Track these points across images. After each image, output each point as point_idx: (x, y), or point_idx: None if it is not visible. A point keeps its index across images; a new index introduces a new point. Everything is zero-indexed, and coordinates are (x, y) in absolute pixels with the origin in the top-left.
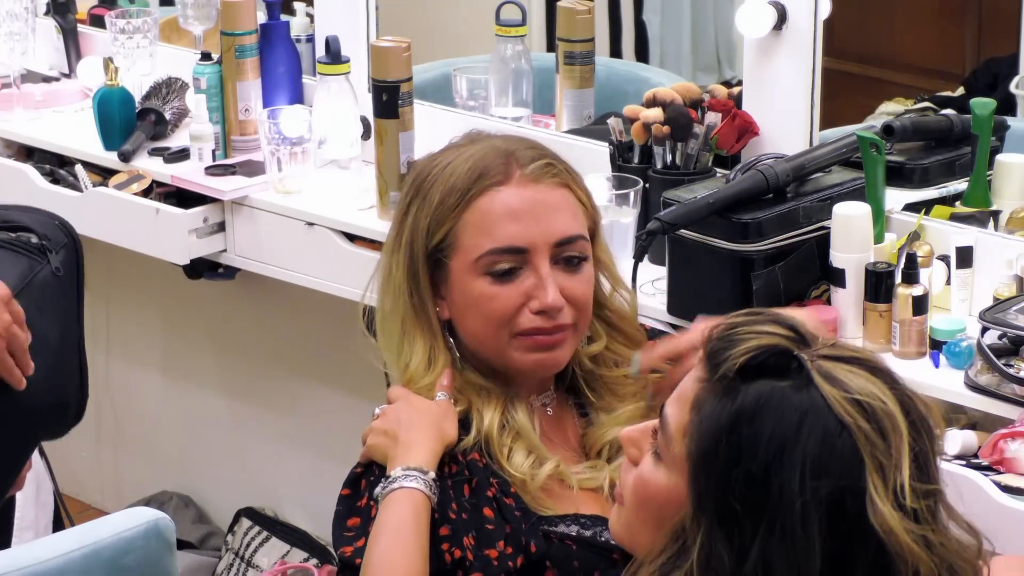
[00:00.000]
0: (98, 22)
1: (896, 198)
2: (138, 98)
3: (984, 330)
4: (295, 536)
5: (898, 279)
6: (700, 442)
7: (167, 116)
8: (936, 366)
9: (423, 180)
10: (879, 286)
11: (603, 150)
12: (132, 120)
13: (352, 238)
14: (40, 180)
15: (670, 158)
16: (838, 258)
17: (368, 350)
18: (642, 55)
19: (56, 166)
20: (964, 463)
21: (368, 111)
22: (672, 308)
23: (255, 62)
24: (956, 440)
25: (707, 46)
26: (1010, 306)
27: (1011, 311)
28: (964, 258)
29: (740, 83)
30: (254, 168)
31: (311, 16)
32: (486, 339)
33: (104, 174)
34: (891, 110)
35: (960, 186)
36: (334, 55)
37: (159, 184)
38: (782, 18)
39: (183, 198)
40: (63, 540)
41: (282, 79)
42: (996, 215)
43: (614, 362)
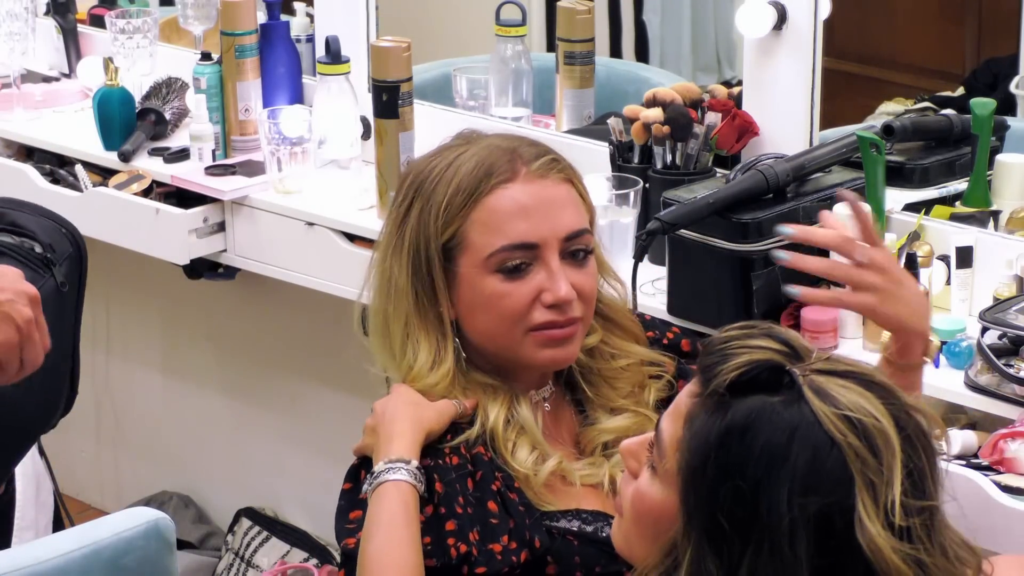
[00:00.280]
0: (98, 22)
1: (896, 198)
2: (138, 98)
3: (984, 330)
4: (295, 536)
5: None
6: (690, 458)
7: (167, 116)
8: (936, 366)
9: (423, 181)
10: None
11: (603, 150)
12: (132, 120)
13: (352, 238)
14: (40, 180)
15: (670, 158)
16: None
17: (368, 351)
18: (642, 55)
19: (56, 166)
20: (964, 463)
21: (368, 111)
22: (672, 308)
23: (255, 62)
24: (956, 440)
25: (707, 46)
26: (1010, 306)
27: (1011, 311)
28: (964, 258)
29: (740, 83)
30: (254, 168)
31: (311, 16)
32: (498, 337)
33: (104, 174)
34: (891, 110)
35: (960, 186)
36: (334, 55)
37: (159, 184)
38: (782, 18)
39: (183, 198)
40: (63, 540)
41: (282, 79)
42: (996, 215)
43: (610, 355)
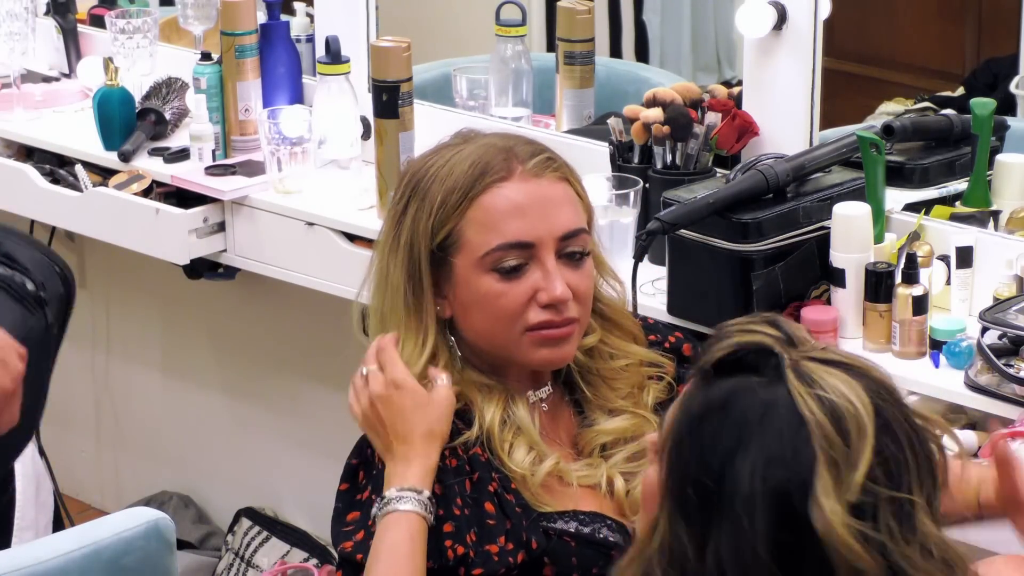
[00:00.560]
0: (98, 22)
1: (896, 198)
2: (138, 98)
3: (984, 330)
4: (295, 536)
5: (898, 279)
6: (672, 433)
7: (167, 116)
8: (936, 366)
9: (420, 180)
10: (879, 286)
11: (603, 150)
12: (132, 120)
13: (352, 238)
14: (40, 180)
15: (670, 158)
16: (838, 258)
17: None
18: (642, 55)
19: (56, 166)
20: None
21: (368, 111)
22: (672, 308)
23: (255, 62)
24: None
25: (707, 46)
26: (1010, 306)
27: (1011, 311)
28: (964, 258)
29: (740, 83)
30: (254, 168)
31: (311, 16)
32: (494, 336)
33: (104, 174)
34: (891, 110)
35: (960, 186)
36: (334, 55)
37: (159, 184)
38: (782, 18)
39: (183, 198)
40: (63, 540)
41: (282, 79)
42: (996, 215)
43: (609, 355)
